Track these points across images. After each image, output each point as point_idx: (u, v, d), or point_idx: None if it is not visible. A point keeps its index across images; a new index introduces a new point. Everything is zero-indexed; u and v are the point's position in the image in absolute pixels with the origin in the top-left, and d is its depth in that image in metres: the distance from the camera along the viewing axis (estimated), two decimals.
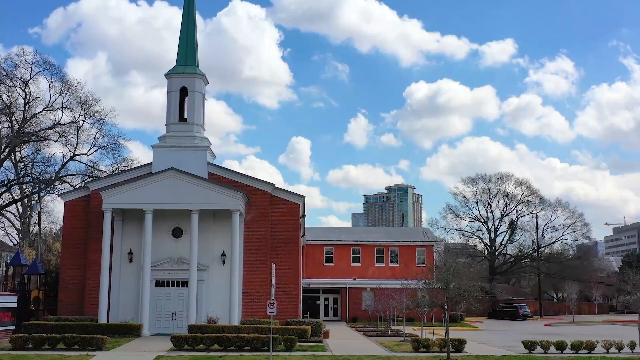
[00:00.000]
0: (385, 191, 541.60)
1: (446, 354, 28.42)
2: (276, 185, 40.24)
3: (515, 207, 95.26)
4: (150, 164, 39.48)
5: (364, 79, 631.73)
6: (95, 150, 58.29)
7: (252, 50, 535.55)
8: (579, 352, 30.58)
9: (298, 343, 31.21)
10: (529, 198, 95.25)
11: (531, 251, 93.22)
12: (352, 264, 72.17)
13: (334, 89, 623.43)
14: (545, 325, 69.98)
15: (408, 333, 41.70)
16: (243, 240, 38.94)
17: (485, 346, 36.55)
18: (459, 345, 31.27)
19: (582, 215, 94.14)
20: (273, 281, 28.00)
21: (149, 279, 36.85)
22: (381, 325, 53.55)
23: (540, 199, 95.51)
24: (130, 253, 38.56)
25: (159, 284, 38.40)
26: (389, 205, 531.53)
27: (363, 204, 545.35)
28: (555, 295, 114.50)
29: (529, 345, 30.97)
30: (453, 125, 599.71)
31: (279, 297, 38.49)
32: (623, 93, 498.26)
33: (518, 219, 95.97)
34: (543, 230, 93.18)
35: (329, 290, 65.48)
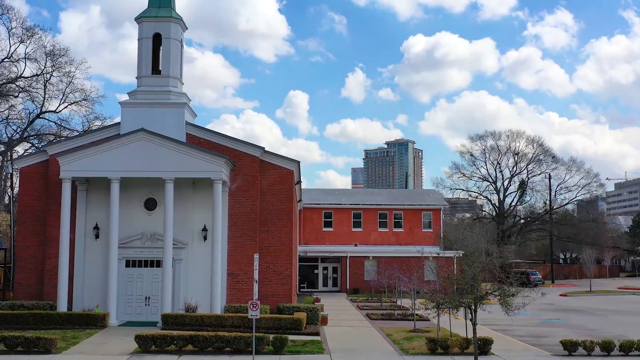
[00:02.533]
0: (385, 146, 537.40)
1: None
2: (266, 149, 34.59)
3: (526, 166, 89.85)
4: (119, 124, 33.79)
5: (361, 33, 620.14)
6: (65, 107, 52.25)
7: (248, 2, 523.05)
8: (630, 354, 25.40)
9: (291, 338, 26.04)
10: (541, 157, 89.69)
11: (542, 213, 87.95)
12: (353, 229, 67.16)
13: (331, 43, 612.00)
14: (560, 295, 65.22)
15: (419, 315, 36.58)
16: (227, 213, 33.50)
17: (511, 340, 31.48)
18: (485, 346, 26.13)
19: (598, 175, 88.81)
20: (256, 275, 22.55)
21: (117, 258, 31.48)
22: (386, 300, 48.51)
23: (553, 157, 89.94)
24: (97, 228, 33.14)
25: (129, 263, 33.09)
26: (389, 161, 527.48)
27: (363, 159, 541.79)
28: (564, 257, 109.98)
29: (569, 347, 25.76)
30: (451, 79, 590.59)
31: (269, 277, 33.44)
32: (622, 46, 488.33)
33: (529, 178, 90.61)
34: (556, 191, 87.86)
35: (328, 259, 60.36)
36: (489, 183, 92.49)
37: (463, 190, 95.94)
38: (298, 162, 35.10)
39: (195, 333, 25.23)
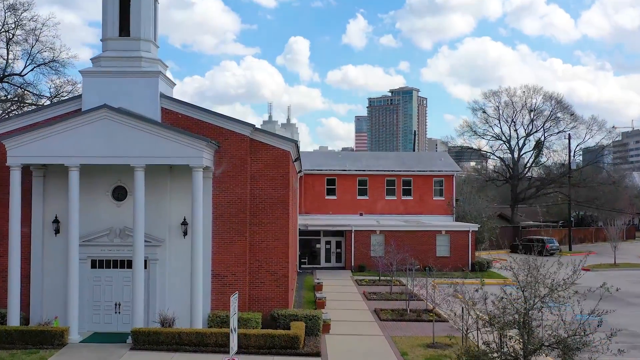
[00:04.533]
0: (389, 94, 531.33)
1: None
2: (257, 126, 29.04)
3: (543, 124, 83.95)
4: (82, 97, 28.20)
5: None
6: (32, 70, 46.25)
7: None
8: None
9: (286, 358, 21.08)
10: (559, 114, 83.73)
11: (560, 175, 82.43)
12: (358, 197, 62.04)
13: None
14: (582, 269, 60.04)
15: (436, 315, 31.69)
16: (211, 204, 28.18)
17: None
18: None
19: (619, 136, 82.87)
20: (233, 323, 17.34)
21: (77, 258, 26.30)
22: (395, 282, 43.51)
23: (572, 115, 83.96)
24: (56, 222, 27.89)
25: (95, 264, 27.97)
26: (393, 109, 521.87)
27: (367, 107, 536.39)
28: (575, 215, 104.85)
29: None
30: (453, 25, 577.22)
31: (262, 279, 28.33)
32: None
33: (545, 138, 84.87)
34: (575, 151, 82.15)
35: (332, 232, 55.31)
36: (502, 142, 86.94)
37: (475, 150, 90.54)
38: (295, 142, 29.59)
39: None
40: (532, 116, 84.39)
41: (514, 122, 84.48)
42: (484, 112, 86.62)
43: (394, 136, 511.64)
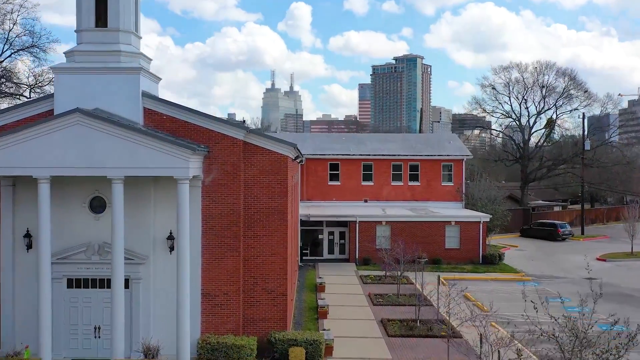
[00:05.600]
0: (393, 62, 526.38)
1: None
2: (252, 128, 25.99)
3: (555, 102, 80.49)
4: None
5: None
6: (10, 56, 42.87)
7: None
8: None
9: None
10: (572, 91, 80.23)
11: (572, 155, 79.21)
12: (363, 183, 59.14)
13: None
14: (598, 259, 57.52)
15: (452, 330, 28.97)
16: (200, 216, 25.27)
17: None
18: None
19: (636, 112, 79.48)
20: None
21: (49, 277, 23.48)
22: (402, 280, 40.62)
23: (586, 92, 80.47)
24: (28, 236, 25.01)
25: (72, 283, 25.18)
26: (397, 77, 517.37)
27: (370, 75, 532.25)
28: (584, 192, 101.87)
29: None
30: None
31: (257, 297, 25.61)
32: None
33: (558, 116, 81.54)
34: (589, 130, 78.79)
35: (335, 223, 52.50)
36: (512, 120, 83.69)
37: (483, 128, 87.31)
38: (294, 145, 26.53)
39: None
40: (543, 93, 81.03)
41: (525, 99, 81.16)
42: (493, 88, 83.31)
43: (398, 104, 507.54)
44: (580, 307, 37.25)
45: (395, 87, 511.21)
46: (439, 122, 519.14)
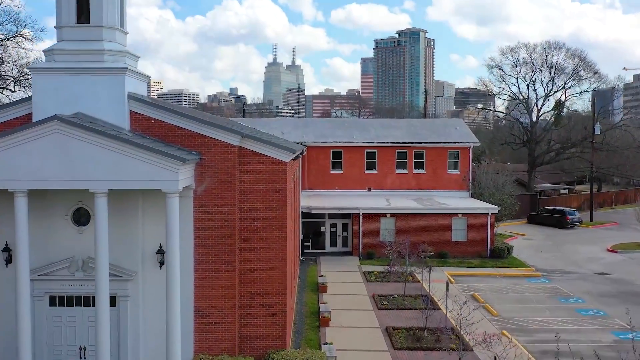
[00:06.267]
0: (396, 35, 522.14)
1: None
2: (248, 133, 24.02)
3: (564, 83, 78.18)
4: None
5: None
6: None
7: None
8: None
9: None
10: (582, 72, 77.87)
11: (581, 139, 77.04)
12: (367, 171, 57.32)
13: None
14: (608, 250, 55.75)
15: (457, 336, 27.29)
16: (192, 228, 23.44)
17: None
18: None
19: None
20: None
21: (28, 295, 21.73)
22: (408, 279, 38.81)
23: (596, 73, 78.12)
24: (7, 250, 23.17)
25: (55, 301, 23.43)
26: (400, 51, 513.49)
27: (373, 49, 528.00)
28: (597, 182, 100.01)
29: None
30: None
31: (254, 313, 23.90)
32: None
33: (567, 98, 79.26)
34: (598, 113, 76.54)
35: (337, 215, 50.70)
36: (519, 102, 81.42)
37: (490, 110, 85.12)
38: (292, 151, 24.56)
39: None
40: (552, 73, 78.65)
41: (533, 80, 78.81)
42: (500, 69, 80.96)
43: (401, 79, 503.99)
44: (595, 310, 35.68)
45: (398, 62, 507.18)
46: (442, 96, 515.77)
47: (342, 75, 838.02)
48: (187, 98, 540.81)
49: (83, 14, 23.33)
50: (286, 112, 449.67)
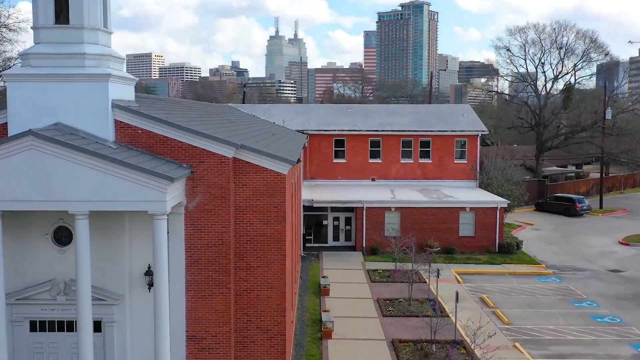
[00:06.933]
0: (399, 8, 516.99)
1: None
2: (243, 144, 22.07)
3: (574, 66, 75.80)
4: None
5: None
6: None
7: None
8: None
9: None
10: (593, 54, 75.46)
11: (592, 123, 74.82)
12: (370, 160, 55.51)
13: None
14: (620, 242, 53.99)
15: (468, 351, 25.64)
16: (183, 247, 21.62)
17: None
18: None
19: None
20: None
21: (6, 318, 20.12)
22: (415, 279, 37.12)
23: (607, 54, 75.71)
24: None
25: (36, 326, 21.72)
26: (403, 24, 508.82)
27: (376, 22, 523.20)
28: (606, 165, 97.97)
29: None
30: None
31: (251, 337, 22.26)
32: None
33: (577, 80, 76.91)
34: (609, 96, 74.25)
35: (340, 208, 48.90)
36: (527, 84, 79.11)
37: (497, 92, 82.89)
38: (292, 162, 22.61)
39: None
40: (561, 54, 76.24)
41: (542, 62, 76.41)
42: (508, 50, 78.53)
43: (404, 52, 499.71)
44: (610, 316, 33.96)
45: (401, 35, 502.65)
46: (445, 70, 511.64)
47: (344, 48, 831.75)
48: (188, 72, 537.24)
49: (62, 12, 21.26)
50: (288, 86, 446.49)
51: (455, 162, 55.61)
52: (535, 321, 33.29)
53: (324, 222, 49.19)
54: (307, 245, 47.75)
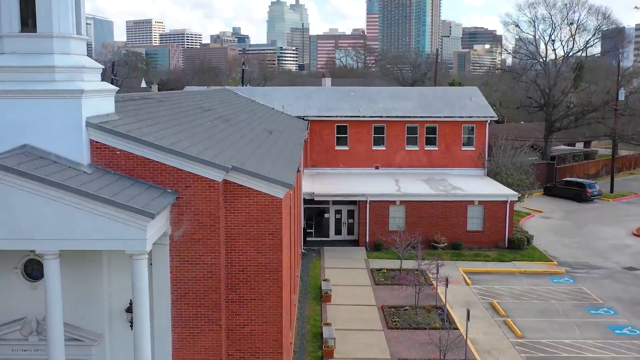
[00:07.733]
0: None
1: None
2: (235, 165, 19.74)
3: (586, 43, 72.89)
4: None
5: None
6: None
7: None
8: None
9: None
10: (605, 30, 72.41)
11: (603, 103, 72.14)
12: (374, 147, 53.26)
13: None
14: (634, 234, 51.91)
15: None
16: (169, 280, 19.46)
17: None
18: None
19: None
20: None
21: None
22: (422, 281, 35.15)
23: (619, 32, 72.67)
24: None
25: None
26: None
27: None
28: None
29: None
30: None
31: None
32: None
33: (588, 58, 74.01)
34: (622, 76, 71.47)
35: (343, 201, 46.73)
36: (536, 62, 76.27)
37: (504, 70, 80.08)
38: (290, 186, 20.30)
39: None
40: (572, 31, 73.30)
41: (552, 40, 73.47)
42: (517, 26, 75.56)
43: (407, 18, 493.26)
44: (630, 327, 31.98)
45: (404, 0, 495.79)
46: (449, 37, 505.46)
47: (346, 14, 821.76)
48: (189, 38, 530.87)
49: (29, 18, 18.77)
50: (290, 54, 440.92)
51: (462, 149, 53.29)
52: (550, 334, 31.31)
53: (326, 215, 47.05)
54: (307, 239, 45.70)
